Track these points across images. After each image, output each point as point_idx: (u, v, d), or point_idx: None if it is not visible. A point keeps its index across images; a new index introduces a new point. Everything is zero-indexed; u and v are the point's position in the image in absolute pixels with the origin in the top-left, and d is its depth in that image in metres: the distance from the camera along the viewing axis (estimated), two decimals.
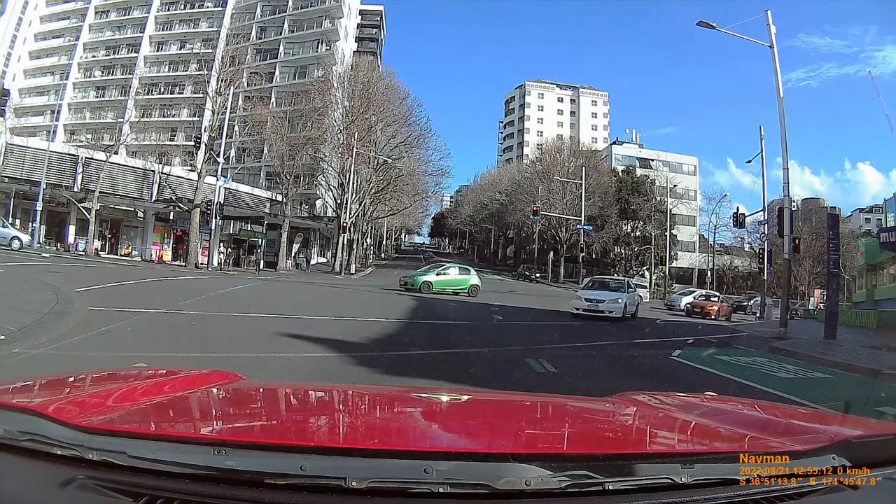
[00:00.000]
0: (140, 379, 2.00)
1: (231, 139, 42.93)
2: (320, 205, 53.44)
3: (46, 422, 1.22)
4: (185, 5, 65.11)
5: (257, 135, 45.96)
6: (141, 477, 1.12)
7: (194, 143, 35.86)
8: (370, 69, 47.41)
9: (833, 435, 1.50)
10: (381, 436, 1.55)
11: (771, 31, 18.30)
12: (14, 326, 7.25)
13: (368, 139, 42.88)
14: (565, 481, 1.12)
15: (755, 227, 48.34)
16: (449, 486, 1.08)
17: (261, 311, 13.31)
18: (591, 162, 60.65)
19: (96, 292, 12.88)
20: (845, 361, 11.48)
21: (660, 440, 1.68)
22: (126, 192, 38.24)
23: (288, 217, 40.92)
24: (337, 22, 62.30)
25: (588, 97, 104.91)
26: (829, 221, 21.83)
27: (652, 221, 60.53)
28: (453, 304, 20.95)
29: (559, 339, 12.35)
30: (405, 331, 12.21)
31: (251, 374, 3.58)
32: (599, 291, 19.34)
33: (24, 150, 36.03)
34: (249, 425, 1.64)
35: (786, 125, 18.31)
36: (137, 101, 55.01)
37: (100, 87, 65.39)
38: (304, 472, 1.09)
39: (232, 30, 55.52)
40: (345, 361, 7.78)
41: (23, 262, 19.58)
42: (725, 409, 2.07)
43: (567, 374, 8.26)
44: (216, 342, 8.48)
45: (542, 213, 52.37)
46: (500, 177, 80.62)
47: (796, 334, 17.25)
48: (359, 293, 23.33)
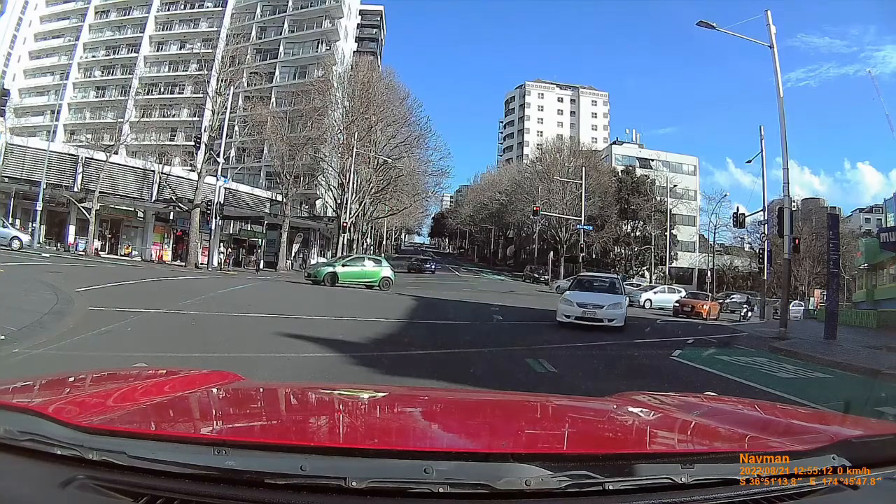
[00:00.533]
0: (140, 379, 2.00)
1: (231, 139, 42.94)
2: (320, 205, 53.48)
3: (46, 422, 1.22)
4: (185, 5, 65.14)
5: (257, 135, 46.00)
6: (141, 477, 1.12)
7: (194, 143, 35.87)
8: (370, 69, 47.49)
9: (833, 435, 1.50)
10: (381, 436, 1.55)
11: (771, 31, 18.30)
12: (14, 326, 7.25)
13: (368, 139, 42.94)
14: (565, 481, 1.12)
15: (755, 227, 48.37)
16: (449, 486, 1.08)
17: (261, 311, 13.31)
18: (591, 162, 60.67)
19: (96, 292, 12.88)
20: (845, 361, 11.48)
21: (660, 440, 1.68)
22: (126, 192, 38.29)
23: (288, 217, 40.94)
24: (337, 22, 62.32)
25: (588, 97, 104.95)
26: (829, 221, 21.84)
27: (652, 221, 60.61)
28: (453, 304, 20.95)
29: (559, 339, 12.35)
30: (405, 331, 12.21)
31: (251, 374, 3.58)
32: (592, 294, 15.45)
33: (24, 150, 36.08)
34: (249, 425, 1.64)
35: (786, 125, 18.35)
36: (137, 101, 55.07)
37: (100, 87, 65.43)
38: (304, 472, 1.09)
39: (232, 30, 55.56)
40: (345, 361, 7.78)
41: (23, 262, 19.58)
42: (725, 409, 2.07)
43: (567, 374, 8.27)
44: (216, 342, 8.48)
45: (542, 213, 52.42)
46: (500, 177, 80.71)
47: (796, 334, 17.25)
48: (359, 293, 23.32)
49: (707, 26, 18.81)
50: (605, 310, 14.54)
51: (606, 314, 14.52)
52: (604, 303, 14.75)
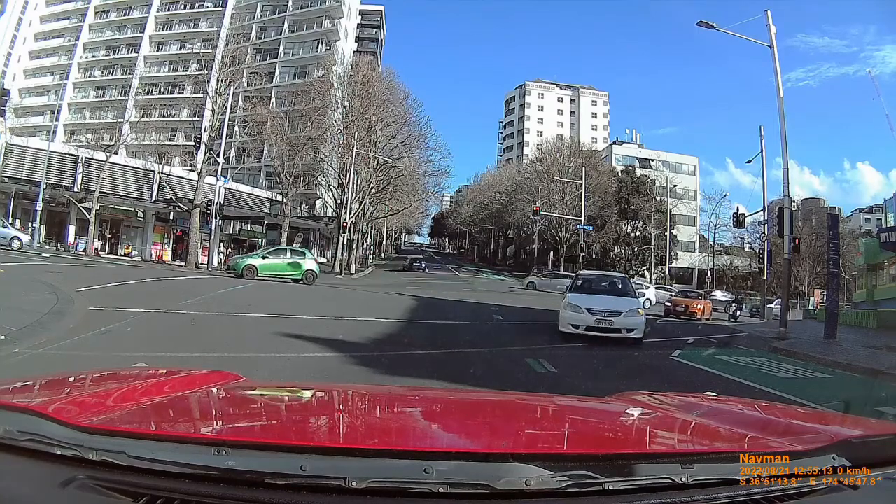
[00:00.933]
0: (140, 379, 2.00)
1: (231, 139, 42.95)
2: (320, 205, 53.48)
3: (46, 422, 1.22)
4: (185, 5, 65.17)
5: (257, 135, 46.02)
6: (141, 477, 1.12)
7: (194, 143, 35.88)
8: (370, 69, 47.42)
9: (833, 435, 1.50)
10: (381, 436, 1.55)
11: (771, 31, 18.31)
12: (14, 326, 7.25)
13: (368, 139, 42.89)
14: (565, 481, 1.12)
15: (755, 227, 48.41)
16: (449, 486, 1.08)
17: (260, 311, 13.30)
18: (591, 162, 60.68)
19: (96, 292, 12.87)
20: (845, 361, 11.48)
21: (660, 440, 1.68)
22: (126, 192, 38.31)
23: (288, 217, 40.95)
24: (337, 22, 62.34)
25: (588, 97, 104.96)
26: (829, 221, 21.84)
27: (652, 221, 60.63)
28: (453, 304, 20.95)
29: (559, 338, 12.34)
30: (405, 331, 12.21)
31: (251, 374, 3.58)
32: (602, 297, 12.66)
33: (24, 150, 36.10)
34: (249, 425, 1.64)
35: (786, 125, 18.35)
36: (137, 101, 55.09)
37: (100, 87, 65.46)
38: (304, 472, 1.09)
39: (232, 30, 55.58)
40: (345, 361, 7.79)
41: (23, 262, 19.57)
42: (725, 409, 2.08)
43: (567, 374, 8.28)
44: (216, 342, 8.48)
45: (542, 213, 52.42)
46: (500, 177, 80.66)
47: (796, 334, 17.25)
48: (358, 293, 23.33)
49: (707, 26, 18.82)
50: (623, 317, 11.82)
51: (625, 323, 11.79)
52: (620, 308, 12.03)
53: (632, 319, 11.96)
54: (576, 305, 12.18)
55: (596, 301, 12.29)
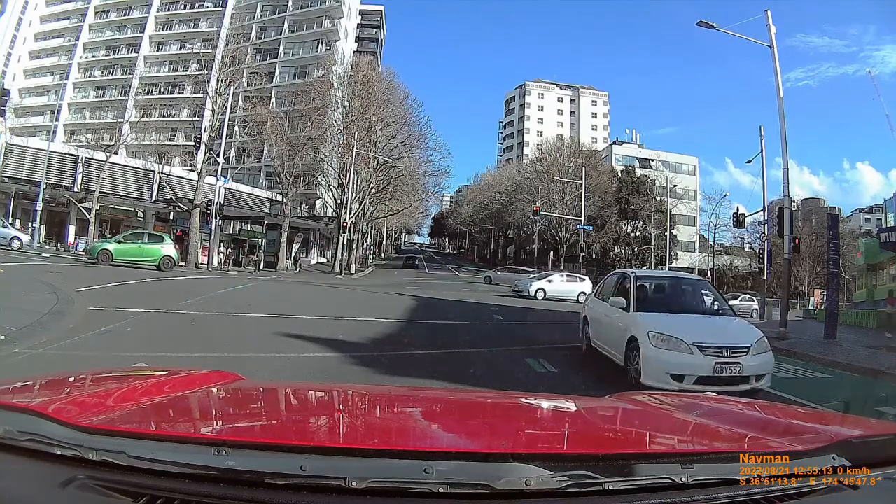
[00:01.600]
0: (140, 379, 2.00)
1: (231, 139, 42.93)
2: (320, 205, 53.47)
3: (46, 422, 1.22)
4: (185, 5, 65.13)
5: (257, 135, 45.97)
6: (141, 477, 1.12)
7: (194, 143, 35.86)
8: (370, 69, 47.42)
9: (833, 435, 1.50)
10: (381, 436, 1.55)
11: (771, 31, 18.27)
12: (14, 326, 7.25)
13: (368, 139, 42.89)
14: (565, 481, 1.12)
15: (755, 227, 48.37)
16: (449, 486, 1.09)
17: (261, 311, 13.31)
18: (591, 162, 60.70)
19: (96, 292, 12.88)
20: (845, 361, 11.48)
21: (660, 440, 1.68)
22: (126, 192, 38.28)
23: (288, 217, 40.93)
24: (337, 22, 62.32)
25: (588, 97, 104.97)
26: (829, 221, 21.82)
27: (652, 221, 60.63)
28: (453, 304, 20.95)
29: (559, 338, 12.33)
30: (405, 331, 12.20)
31: (251, 374, 3.58)
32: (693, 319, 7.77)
33: (24, 150, 36.05)
34: (249, 425, 1.64)
35: (786, 125, 18.29)
36: (137, 101, 55.05)
37: (100, 87, 65.41)
38: (304, 472, 1.09)
39: (232, 30, 55.55)
40: (345, 361, 7.79)
41: (23, 262, 19.57)
42: (725, 409, 2.07)
43: (567, 374, 8.28)
44: (216, 342, 8.48)
45: (542, 213, 52.41)
46: (500, 177, 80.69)
47: (796, 334, 17.23)
48: (359, 293, 23.33)
49: (707, 26, 18.79)
50: (751, 356, 7.00)
51: (755, 367, 6.98)
52: (740, 341, 7.19)
53: (761, 359, 7.13)
54: (674, 339, 6.99)
55: (697, 329, 7.30)
